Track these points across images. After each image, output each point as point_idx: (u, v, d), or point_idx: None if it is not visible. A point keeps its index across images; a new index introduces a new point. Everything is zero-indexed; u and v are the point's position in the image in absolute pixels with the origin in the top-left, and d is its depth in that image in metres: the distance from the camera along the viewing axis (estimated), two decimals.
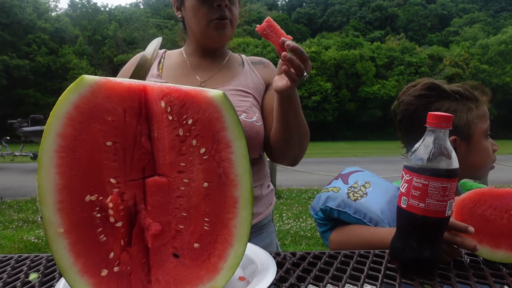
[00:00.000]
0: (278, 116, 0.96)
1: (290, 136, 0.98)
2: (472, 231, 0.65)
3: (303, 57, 0.80)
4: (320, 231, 0.99)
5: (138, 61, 1.10)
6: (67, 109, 0.46)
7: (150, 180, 0.51)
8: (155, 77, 1.09)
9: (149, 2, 63.29)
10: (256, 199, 1.09)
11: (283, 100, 0.91)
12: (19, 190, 7.03)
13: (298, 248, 3.79)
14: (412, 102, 0.98)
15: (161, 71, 1.11)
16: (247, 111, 1.02)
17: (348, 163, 11.80)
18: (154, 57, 0.96)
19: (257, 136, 1.02)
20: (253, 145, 1.02)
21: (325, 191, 0.95)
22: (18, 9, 30.37)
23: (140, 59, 0.93)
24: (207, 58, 1.13)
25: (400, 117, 1.01)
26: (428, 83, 0.98)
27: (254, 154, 1.07)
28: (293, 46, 0.78)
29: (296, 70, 0.80)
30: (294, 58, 0.79)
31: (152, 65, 1.11)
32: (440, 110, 0.95)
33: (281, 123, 0.96)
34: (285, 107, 0.92)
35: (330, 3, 62.87)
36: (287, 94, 0.88)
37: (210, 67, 1.12)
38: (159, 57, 1.15)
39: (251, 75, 1.13)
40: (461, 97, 0.96)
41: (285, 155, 1.04)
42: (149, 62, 0.94)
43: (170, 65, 1.13)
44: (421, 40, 51.41)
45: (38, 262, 0.70)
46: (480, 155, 0.96)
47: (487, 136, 0.97)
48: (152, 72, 1.10)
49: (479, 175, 1.00)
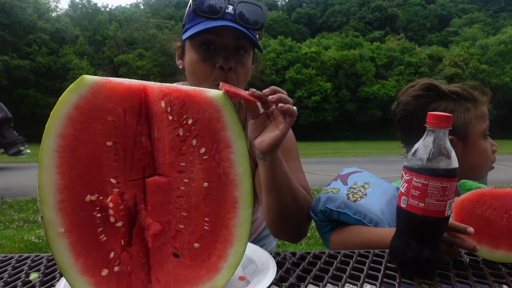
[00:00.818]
0: (265, 187, 0.82)
1: (281, 208, 0.83)
2: (471, 232, 0.65)
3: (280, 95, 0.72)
4: (320, 232, 0.99)
5: None
6: (68, 109, 0.46)
7: (150, 180, 0.51)
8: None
9: (149, 3, 63.30)
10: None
11: (271, 161, 0.77)
12: (19, 190, 7.03)
13: (298, 248, 3.79)
14: (410, 102, 0.99)
15: None
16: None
17: (348, 163, 11.80)
18: None
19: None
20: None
21: (324, 193, 0.95)
22: (18, 9, 30.37)
23: None
24: None
25: (399, 117, 1.02)
26: (426, 84, 0.98)
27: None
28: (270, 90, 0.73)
29: (288, 102, 0.72)
30: (282, 95, 0.72)
31: None
32: (437, 110, 0.95)
33: (270, 194, 0.82)
34: (273, 169, 0.79)
35: (330, 3, 62.85)
36: (274, 149, 0.75)
37: None
38: None
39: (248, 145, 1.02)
40: (458, 98, 0.97)
41: (282, 230, 0.89)
42: None
43: None
44: (421, 40, 51.40)
45: (39, 262, 0.70)
46: (478, 155, 0.96)
47: (485, 136, 0.97)
48: None
49: (478, 175, 1.00)
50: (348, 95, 35.08)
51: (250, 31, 0.89)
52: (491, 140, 0.99)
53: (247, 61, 0.93)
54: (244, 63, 0.91)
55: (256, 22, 0.89)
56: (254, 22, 0.89)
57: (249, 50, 0.92)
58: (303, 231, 0.90)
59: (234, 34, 0.88)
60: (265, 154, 0.76)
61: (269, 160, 0.77)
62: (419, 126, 0.93)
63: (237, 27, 0.85)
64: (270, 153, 0.76)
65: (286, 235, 0.90)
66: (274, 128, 0.74)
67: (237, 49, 0.90)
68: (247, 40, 0.90)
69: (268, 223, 0.88)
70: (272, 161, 0.77)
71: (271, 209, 0.84)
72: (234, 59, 0.89)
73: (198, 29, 0.85)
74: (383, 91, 34.50)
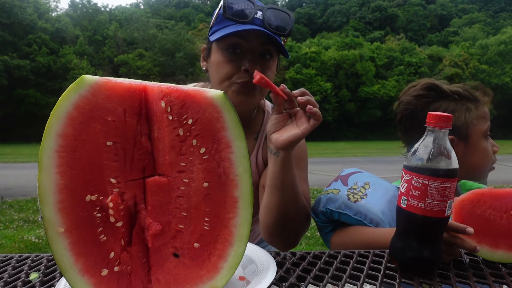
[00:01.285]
0: (270, 184, 0.82)
1: (283, 210, 0.83)
2: (470, 232, 0.65)
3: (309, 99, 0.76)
4: (321, 233, 0.99)
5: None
6: (68, 109, 0.46)
7: (150, 180, 0.51)
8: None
9: (149, 3, 63.33)
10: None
11: (283, 159, 0.78)
12: (19, 189, 7.03)
13: (298, 248, 3.80)
14: (411, 102, 0.99)
15: None
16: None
17: (348, 163, 11.79)
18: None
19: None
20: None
21: (325, 193, 0.95)
22: (18, 9, 30.38)
23: None
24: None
25: (400, 116, 1.02)
26: (427, 83, 0.98)
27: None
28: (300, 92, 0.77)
29: (316, 107, 0.76)
30: (310, 98, 0.76)
31: None
32: (438, 110, 0.95)
33: (274, 192, 0.82)
34: (283, 167, 0.79)
35: (330, 3, 62.86)
36: (289, 148, 0.77)
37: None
38: None
39: (261, 150, 1.03)
40: (460, 98, 0.96)
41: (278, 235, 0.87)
42: None
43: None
44: (421, 40, 51.43)
45: (39, 262, 0.70)
46: (479, 155, 0.96)
47: (486, 137, 0.97)
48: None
49: (478, 176, 1.00)
50: (348, 95, 35.10)
51: (277, 36, 0.90)
52: (492, 140, 0.99)
53: (272, 67, 0.93)
54: (269, 68, 0.92)
55: (283, 29, 0.90)
56: (282, 28, 0.89)
57: (274, 55, 0.93)
58: (295, 240, 0.90)
59: (261, 39, 0.88)
60: (279, 149, 0.78)
61: (281, 157, 0.79)
62: (419, 126, 0.93)
63: (265, 31, 0.86)
64: (284, 150, 0.78)
65: (279, 240, 0.89)
66: (295, 127, 0.76)
67: (263, 54, 0.90)
68: (273, 45, 0.90)
69: (264, 225, 0.87)
70: (284, 158, 0.78)
71: (271, 209, 0.84)
72: (260, 64, 0.90)
73: (226, 32, 0.86)
74: (383, 91, 34.51)
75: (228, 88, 0.90)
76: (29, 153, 10.56)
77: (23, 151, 17.39)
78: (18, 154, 15.89)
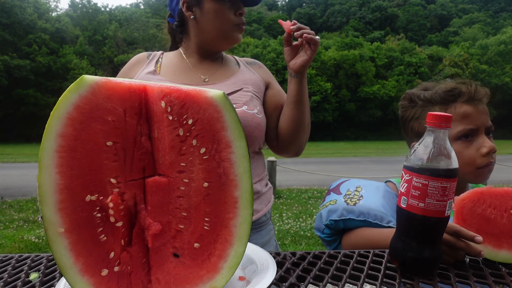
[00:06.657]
0: (293, 101, 1.05)
1: (302, 119, 1.07)
2: (480, 240, 0.64)
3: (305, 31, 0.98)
4: (331, 248, 0.98)
5: (137, 60, 1.13)
6: (68, 109, 0.46)
7: (150, 180, 0.51)
8: (152, 73, 1.10)
9: (149, 2, 63.28)
10: (256, 195, 1.11)
11: (301, 79, 1.03)
12: (19, 189, 7.03)
13: (298, 248, 3.79)
14: (400, 113, 1.04)
15: (159, 69, 1.13)
16: (248, 103, 1.06)
17: (348, 163, 11.80)
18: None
19: (258, 127, 1.06)
20: (254, 137, 1.05)
21: (323, 208, 0.97)
22: (18, 9, 30.36)
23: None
24: (206, 59, 1.16)
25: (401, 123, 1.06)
26: (405, 94, 1.03)
27: (254, 147, 1.10)
28: (296, 27, 1.00)
29: (311, 34, 0.97)
30: (304, 30, 0.98)
31: (150, 63, 1.14)
32: (408, 118, 1.00)
33: (297, 106, 1.05)
34: (302, 85, 1.04)
35: (330, 3, 62.84)
36: (304, 70, 1.02)
37: (209, 67, 1.15)
38: (157, 57, 1.17)
39: (248, 73, 1.19)
40: (428, 103, 0.95)
41: (295, 142, 1.11)
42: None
43: (168, 63, 1.15)
44: (421, 41, 51.42)
45: (39, 262, 0.70)
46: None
47: (461, 138, 0.91)
48: (149, 69, 1.11)
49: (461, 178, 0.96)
50: (348, 95, 35.10)
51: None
52: (487, 140, 0.92)
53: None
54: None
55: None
56: None
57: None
58: (303, 146, 1.15)
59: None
60: (297, 73, 1.02)
61: (299, 78, 1.03)
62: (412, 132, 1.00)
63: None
64: (301, 73, 1.02)
65: (293, 146, 1.12)
66: (303, 54, 1.01)
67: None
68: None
69: (286, 133, 1.10)
70: (302, 78, 1.04)
71: (294, 120, 1.07)
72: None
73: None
74: (383, 91, 34.50)
75: (230, 31, 1.09)
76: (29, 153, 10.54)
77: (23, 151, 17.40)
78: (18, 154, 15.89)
